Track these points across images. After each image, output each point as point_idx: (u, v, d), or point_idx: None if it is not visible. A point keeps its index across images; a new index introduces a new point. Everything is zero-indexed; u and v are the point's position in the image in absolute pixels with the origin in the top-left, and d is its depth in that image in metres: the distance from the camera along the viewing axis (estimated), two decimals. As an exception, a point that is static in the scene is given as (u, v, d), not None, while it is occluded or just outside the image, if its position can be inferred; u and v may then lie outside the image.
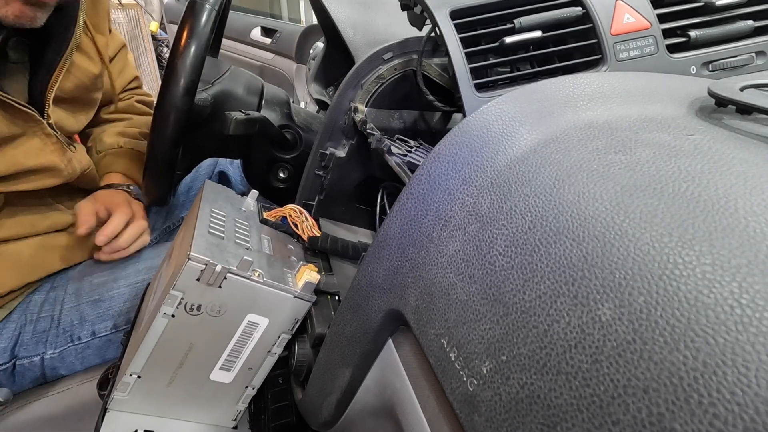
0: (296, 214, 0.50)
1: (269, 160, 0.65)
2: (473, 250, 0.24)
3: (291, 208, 0.50)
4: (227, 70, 0.62)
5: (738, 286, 0.16)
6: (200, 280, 0.34)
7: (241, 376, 0.40)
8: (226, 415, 0.42)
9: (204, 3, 0.45)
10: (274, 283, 0.36)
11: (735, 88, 0.27)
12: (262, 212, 0.49)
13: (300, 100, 1.50)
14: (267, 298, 0.36)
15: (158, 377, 0.38)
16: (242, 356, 0.38)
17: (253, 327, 0.37)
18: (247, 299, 0.36)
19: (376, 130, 0.48)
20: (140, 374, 0.37)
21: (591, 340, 0.17)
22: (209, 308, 0.35)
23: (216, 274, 0.34)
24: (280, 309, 0.37)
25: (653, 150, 0.23)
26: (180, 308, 0.35)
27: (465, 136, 0.29)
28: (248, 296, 0.36)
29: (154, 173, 0.51)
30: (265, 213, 0.49)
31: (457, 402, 0.22)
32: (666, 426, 0.15)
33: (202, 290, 0.34)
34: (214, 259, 0.34)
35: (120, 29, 2.39)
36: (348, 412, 0.36)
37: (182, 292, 0.34)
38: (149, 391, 0.38)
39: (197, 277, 0.34)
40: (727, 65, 0.40)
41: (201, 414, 0.41)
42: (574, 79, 0.32)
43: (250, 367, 0.40)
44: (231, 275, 0.34)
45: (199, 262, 0.33)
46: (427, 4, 0.41)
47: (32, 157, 0.52)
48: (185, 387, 0.39)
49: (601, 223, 0.20)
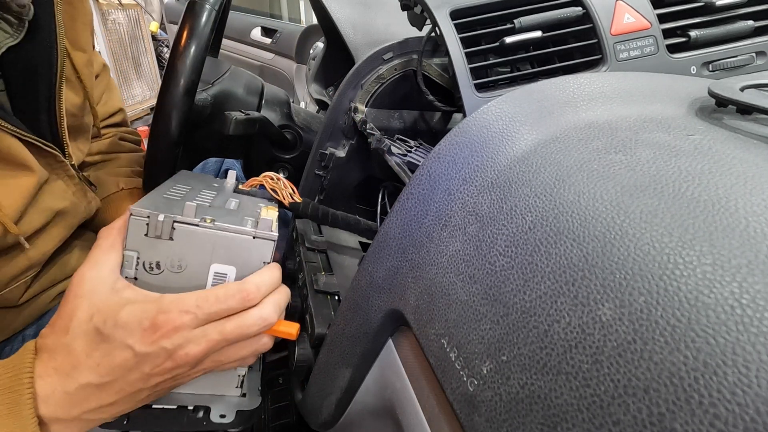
0: (274, 181, 0.47)
1: (269, 160, 0.65)
2: (473, 250, 0.24)
3: (268, 174, 0.47)
4: (227, 70, 0.62)
5: (738, 287, 0.16)
6: (148, 235, 0.33)
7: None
8: (229, 383, 0.41)
9: (204, 3, 0.45)
10: (228, 226, 0.34)
11: (735, 88, 0.27)
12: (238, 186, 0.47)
13: (300, 100, 1.50)
14: (225, 244, 0.35)
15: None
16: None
17: (221, 278, 0.36)
18: (204, 249, 0.35)
19: (376, 130, 0.48)
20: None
21: (591, 341, 0.17)
22: (168, 264, 0.34)
23: (161, 224, 0.33)
24: (243, 254, 0.35)
25: (653, 150, 0.23)
26: (140, 269, 0.34)
27: (465, 136, 0.29)
28: (204, 245, 0.34)
29: (154, 173, 0.51)
30: (241, 185, 0.47)
31: (457, 402, 0.22)
32: (666, 426, 0.15)
33: (154, 245, 0.34)
34: (158, 210, 0.33)
35: (120, 29, 2.39)
36: (348, 412, 0.36)
37: (136, 251, 0.34)
38: None
39: (144, 232, 0.33)
40: (727, 65, 0.40)
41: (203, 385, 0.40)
42: (575, 79, 0.32)
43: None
44: (179, 224, 0.33)
45: (140, 216, 0.33)
46: (427, 4, 0.41)
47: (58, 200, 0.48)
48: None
49: (601, 223, 0.20)
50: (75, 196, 0.51)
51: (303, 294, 0.42)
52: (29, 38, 0.44)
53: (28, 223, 0.45)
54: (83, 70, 0.52)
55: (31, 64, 0.45)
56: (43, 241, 0.48)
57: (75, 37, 0.51)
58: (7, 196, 0.42)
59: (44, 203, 0.47)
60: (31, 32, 0.44)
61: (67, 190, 0.50)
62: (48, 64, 0.46)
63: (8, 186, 0.42)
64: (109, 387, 0.31)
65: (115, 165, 0.65)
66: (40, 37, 0.45)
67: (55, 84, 0.46)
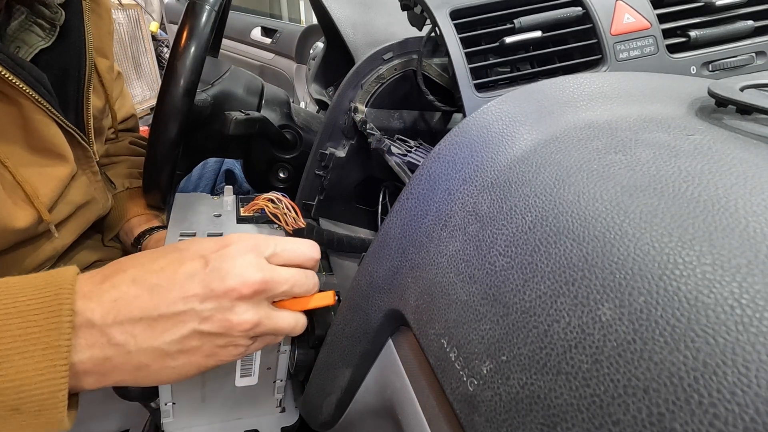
0: (273, 205, 0.46)
1: (269, 160, 0.65)
2: (473, 250, 0.24)
3: (267, 198, 0.46)
4: (227, 70, 0.62)
5: (738, 286, 0.16)
6: None
7: (264, 375, 0.41)
8: (269, 406, 0.43)
9: (204, 3, 0.45)
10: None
11: (735, 88, 0.27)
12: (239, 209, 0.48)
13: (300, 100, 1.50)
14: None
15: (190, 398, 0.40)
16: (255, 363, 0.39)
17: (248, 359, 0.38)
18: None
19: (376, 130, 0.48)
20: (173, 401, 0.39)
21: (591, 340, 0.17)
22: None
23: None
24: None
25: (653, 150, 0.23)
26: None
27: (465, 136, 0.29)
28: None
29: (154, 173, 0.51)
30: (242, 209, 0.47)
31: (457, 402, 0.22)
32: (666, 426, 0.15)
33: None
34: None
35: (120, 29, 2.39)
36: (348, 412, 0.36)
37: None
38: (190, 408, 0.40)
39: None
40: (727, 65, 0.40)
41: (247, 411, 0.43)
42: (574, 79, 0.32)
43: (269, 367, 0.40)
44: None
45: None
46: (427, 4, 0.41)
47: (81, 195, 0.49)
48: (219, 398, 0.41)
49: (601, 223, 0.20)
50: (96, 192, 0.53)
51: (303, 294, 0.42)
52: (60, 42, 0.46)
53: (57, 213, 0.47)
54: (105, 75, 0.55)
55: (61, 66, 0.47)
56: (64, 233, 0.49)
57: (100, 44, 0.54)
58: (44, 185, 0.44)
59: (70, 196, 0.48)
60: (62, 36, 0.46)
61: (90, 186, 0.52)
62: (77, 67, 0.48)
63: (47, 175, 0.44)
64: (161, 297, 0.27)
65: (124, 167, 0.67)
66: (71, 41, 0.47)
67: (83, 86, 0.49)
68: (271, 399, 0.43)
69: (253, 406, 0.43)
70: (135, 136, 0.71)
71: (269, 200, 0.46)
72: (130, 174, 0.65)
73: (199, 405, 0.40)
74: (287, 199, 0.47)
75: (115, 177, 0.63)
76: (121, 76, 0.67)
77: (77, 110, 0.49)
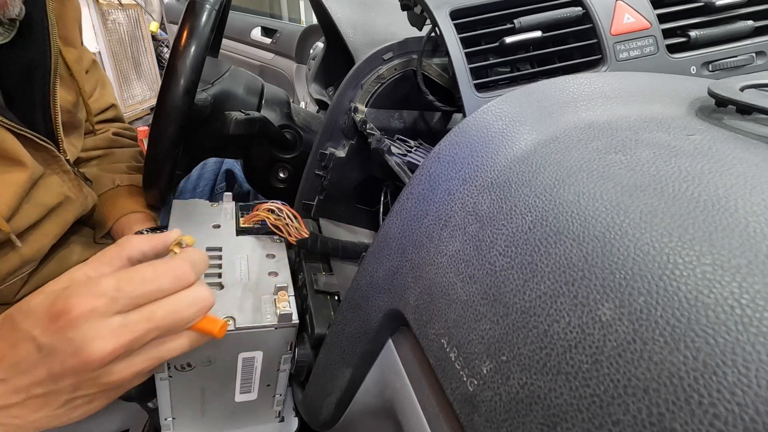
0: (275, 216, 0.44)
1: (269, 160, 0.65)
2: (473, 250, 0.24)
3: (268, 209, 0.45)
4: (227, 70, 0.62)
5: (738, 287, 0.16)
6: None
7: (263, 391, 0.41)
8: (268, 416, 0.44)
9: (204, 3, 0.45)
10: (250, 325, 0.35)
11: (735, 88, 0.27)
12: (239, 219, 0.47)
13: (300, 100, 1.50)
14: (249, 338, 0.36)
15: (190, 413, 0.40)
16: (254, 381, 0.39)
17: (250, 360, 0.38)
18: (230, 344, 0.36)
19: (376, 130, 0.48)
20: (173, 416, 0.40)
21: (591, 340, 0.17)
22: (199, 362, 0.36)
23: None
24: (268, 341, 0.37)
25: (653, 150, 0.23)
26: (171, 369, 0.36)
27: (465, 136, 0.29)
28: (229, 343, 0.36)
29: (154, 173, 0.51)
30: (242, 219, 0.47)
31: (457, 402, 0.22)
32: (666, 426, 0.15)
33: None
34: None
35: (120, 29, 2.39)
36: (348, 412, 0.36)
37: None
38: (190, 422, 0.41)
39: None
40: (727, 65, 0.40)
41: (246, 422, 0.43)
42: (574, 79, 0.32)
43: (268, 383, 0.41)
44: None
45: None
46: (427, 4, 0.41)
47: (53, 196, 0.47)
48: (219, 412, 0.41)
49: (601, 223, 0.20)
50: (71, 191, 0.50)
51: (303, 294, 0.42)
52: (22, 37, 0.44)
53: (21, 219, 0.45)
54: (74, 66, 0.52)
55: (24, 62, 0.45)
56: (37, 237, 0.47)
57: (65, 33, 0.51)
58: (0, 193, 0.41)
59: (38, 198, 0.46)
60: (23, 31, 0.44)
61: (63, 185, 0.49)
62: (42, 62, 0.46)
63: (3, 183, 0.42)
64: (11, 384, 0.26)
65: (110, 161, 0.64)
66: (34, 36, 0.45)
67: (49, 81, 0.46)
68: (270, 411, 0.43)
69: (252, 417, 0.43)
70: (120, 127, 0.67)
71: (270, 211, 0.45)
72: (119, 169, 0.63)
73: (199, 418, 0.41)
74: (288, 208, 0.46)
75: (102, 173, 0.61)
76: (97, 64, 0.64)
77: (44, 107, 0.47)
